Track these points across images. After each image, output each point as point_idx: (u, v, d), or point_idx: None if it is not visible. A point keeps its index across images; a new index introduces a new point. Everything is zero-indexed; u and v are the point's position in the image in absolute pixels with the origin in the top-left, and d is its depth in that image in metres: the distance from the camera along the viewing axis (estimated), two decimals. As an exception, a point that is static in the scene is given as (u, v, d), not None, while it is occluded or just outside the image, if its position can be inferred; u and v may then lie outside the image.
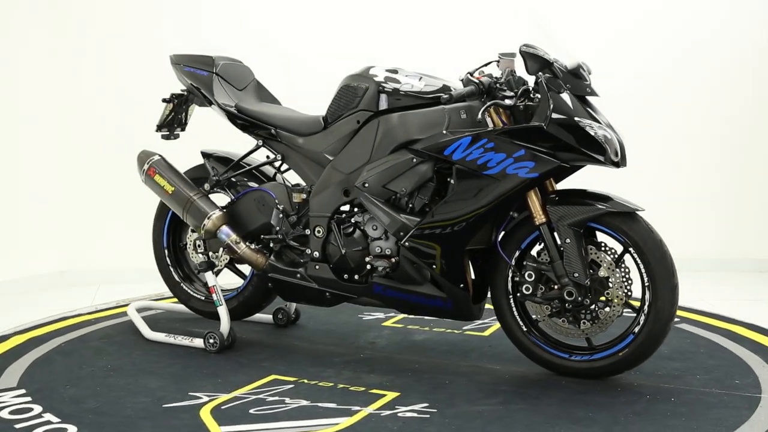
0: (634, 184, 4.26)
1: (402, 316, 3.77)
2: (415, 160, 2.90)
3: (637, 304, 2.80)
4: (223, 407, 2.65)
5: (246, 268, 3.60)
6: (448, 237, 2.86)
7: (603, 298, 2.81)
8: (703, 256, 4.77)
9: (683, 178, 4.86)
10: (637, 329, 2.78)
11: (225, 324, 3.29)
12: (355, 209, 3.11)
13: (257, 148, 3.34)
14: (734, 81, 4.78)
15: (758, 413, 2.55)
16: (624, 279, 2.80)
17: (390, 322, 3.70)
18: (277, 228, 3.23)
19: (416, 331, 3.54)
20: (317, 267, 3.15)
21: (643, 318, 2.77)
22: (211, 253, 3.40)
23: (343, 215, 3.12)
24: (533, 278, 2.85)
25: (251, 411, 2.62)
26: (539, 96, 2.79)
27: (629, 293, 2.81)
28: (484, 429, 2.46)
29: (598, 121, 2.76)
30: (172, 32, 4.55)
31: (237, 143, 3.59)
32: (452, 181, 2.86)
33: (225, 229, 3.26)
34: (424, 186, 2.93)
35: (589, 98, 2.83)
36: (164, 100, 3.47)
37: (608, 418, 2.53)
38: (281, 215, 3.22)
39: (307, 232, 3.17)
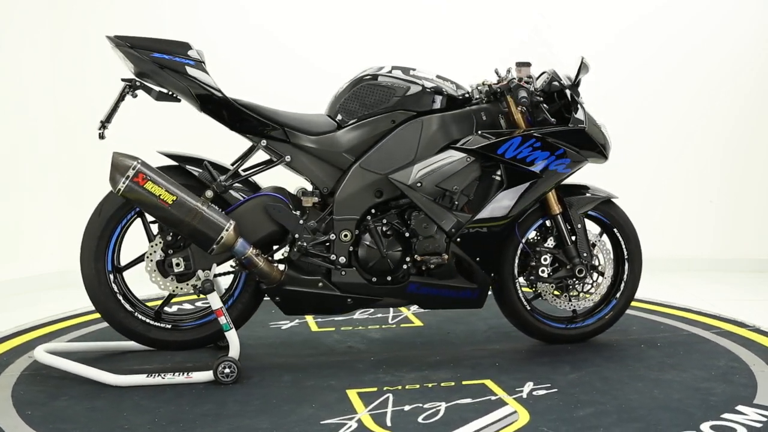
0: (634, 184, 4.60)
1: (317, 321, 3.71)
2: (468, 159, 3.03)
3: None
4: (388, 423, 2.46)
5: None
6: (497, 230, 3.09)
7: (597, 273, 3.35)
8: (703, 256, 4.90)
9: (683, 178, 4.89)
10: (618, 294, 3.40)
11: (236, 349, 2.90)
12: (385, 210, 3.06)
13: (260, 148, 2.99)
14: (733, 82, 4.82)
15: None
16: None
17: (315, 327, 3.62)
18: (296, 235, 2.97)
19: (361, 331, 3.53)
20: (344, 273, 3.02)
21: (623, 285, 3.40)
22: (202, 272, 2.92)
23: (374, 217, 3.05)
24: (547, 261, 3.26)
25: (419, 420, 2.50)
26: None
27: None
28: (615, 387, 2.79)
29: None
30: (172, 31, 3.97)
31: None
32: (497, 179, 3.09)
33: (242, 241, 2.87)
34: (470, 183, 3.07)
35: None
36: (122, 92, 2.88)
37: (660, 363, 3.07)
38: (301, 222, 2.98)
39: (332, 237, 3.01)
